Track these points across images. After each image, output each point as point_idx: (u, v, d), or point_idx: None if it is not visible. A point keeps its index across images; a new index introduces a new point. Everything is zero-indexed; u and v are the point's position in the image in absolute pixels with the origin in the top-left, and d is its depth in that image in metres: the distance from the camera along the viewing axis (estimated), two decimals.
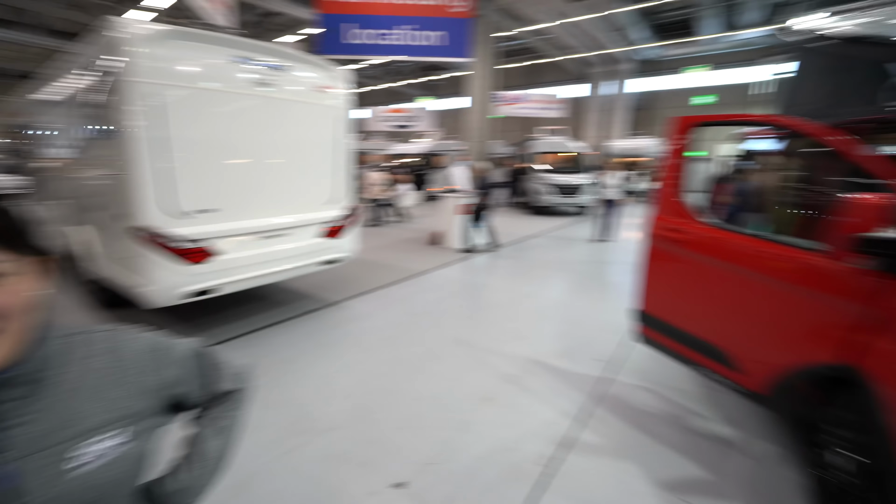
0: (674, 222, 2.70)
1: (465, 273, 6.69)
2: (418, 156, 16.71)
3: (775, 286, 2.25)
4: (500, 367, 3.61)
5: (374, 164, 11.10)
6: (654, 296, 2.89)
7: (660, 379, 3.42)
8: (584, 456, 2.55)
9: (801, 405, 2.34)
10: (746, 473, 2.42)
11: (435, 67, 25.92)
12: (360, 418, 2.87)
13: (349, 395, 3.15)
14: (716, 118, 2.60)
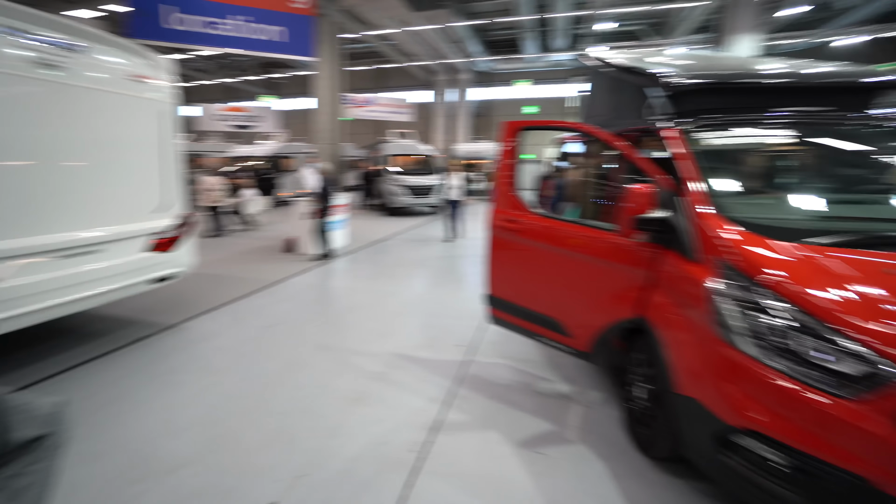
0: (510, 214, 3.08)
1: (324, 278, 6.49)
2: (264, 158, 15.48)
3: (587, 261, 2.75)
4: (367, 367, 3.62)
5: (212, 167, 9.90)
6: (498, 280, 3.25)
7: (511, 354, 3.85)
8: (452, 434, 2.74)
9: (614, 355, 2.91)
10: (582, 419, 2.90)
11: (276, 65, 24.33)
12: (216, 447, 2.58)
13: (200, 424, 2.80)
14: (537, 123, 3.06)
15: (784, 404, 1.64)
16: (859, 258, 1.80)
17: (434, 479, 2.34)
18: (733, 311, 1.84)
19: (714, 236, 2.05)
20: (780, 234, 1.99)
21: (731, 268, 1.92)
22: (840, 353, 1.57)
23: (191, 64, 21.69)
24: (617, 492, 2.25)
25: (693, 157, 2.40)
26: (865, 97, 2.76)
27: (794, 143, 2.67)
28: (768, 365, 1.69)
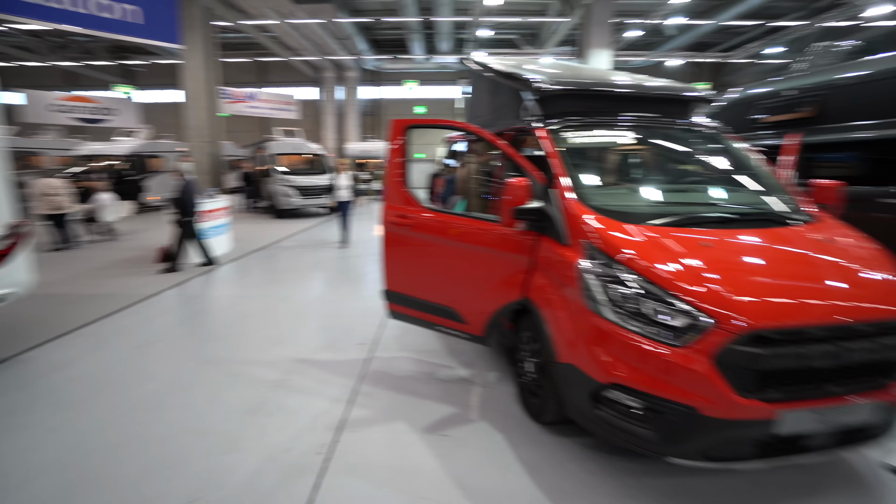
0: (401, 209, 3.17)
1: (208, 288, 5.93)
2: (124, 158, 13.44)
3: (475, 251, 2.96)
4: (263, 376, 3.43)
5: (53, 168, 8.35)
6: (394, 274, 3.32)
7: (413, 346, 3.96)
8: (357, 431, 2.75)
9: (506, 336, 3.17)
10: (483, 399, 3.11)
11: (131, 49, 21.23)
12: (83, 489, 2.25)
13: (54, 468, 2.40)
14: (423, 122, 3.19)
15: (637, 358, 1.98)
16: (685, 235, 2.24)
17: (342, 477, 2.34)
18: (597, 286, 2.15)
19: (580, 222, 2.37)
20: (630, 218, 2.38)
21: (594, 248, 2.24)
22: (674, 312, 1.95)
23: (6, 40, 17.73)
24: (515, 458, 2.47)
25: (560, 154, 2.73)
26: (686, 108, 3.39)
27: (636, 142, 3.18)
28: (625, 327, 2.02)
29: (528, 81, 3.18)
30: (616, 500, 2.16)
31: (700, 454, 1.93)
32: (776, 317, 1.86)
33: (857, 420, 1.96)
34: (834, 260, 2.18)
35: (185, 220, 6.40)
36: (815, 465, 2.40)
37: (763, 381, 1.86)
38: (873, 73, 4.51)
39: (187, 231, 6.49)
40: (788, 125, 5.04)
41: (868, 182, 4.29)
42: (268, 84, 22.65)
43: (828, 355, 1.86)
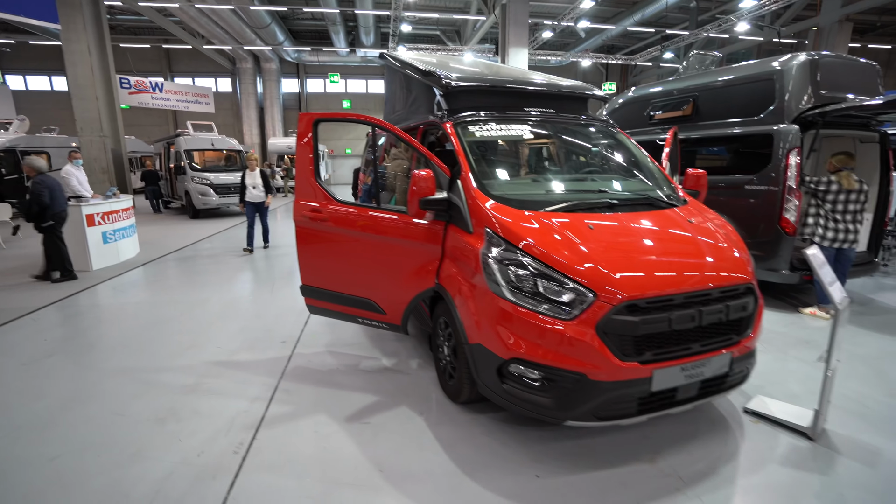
0: (313, 204, 3.16)
1: (114, 295, 5.45)
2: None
3: (389, 243, 3.04)
4: (176, 382, 3.26)
5: None
6: (310, 269, 3.31)
7: (337, 340, 3.96)
8: (276, 427, 2.72)
9: (425, 324, 3.29)
10: (405, 385, 3.20)
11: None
12: None
13: None
14: (331, 116, 3.19)
15: (533, 334, 2.18)
16: (573, 220, 2.48)
17: (259, 473, 2.32)
18: (497, 269, 2.32)
19: (481, 211, 2.53)
20: (527, 205, 2.58)
21: (494, 235, 2.41)
22: (563, 289, 2.17)
23: None
24: (432, 438, 2.60)
25: (464, 147, 2.89)
26: (583, 104, 3.71)
27: (536, 136, 3.43)
28: (522, 306, 2.21)
29: (437, 77, 3.30)
30: (524, 465, 2.35)
31: (592, 415, 2.17)
32: (646, 288, 2.13)
33: (717, 372, 2.31)
34: (696, 237, 2.54)
35: (44, 225, 5.54)
36: (690, 416, 2.78)
37: (638, 345, 2.13)
38: (729, 79, 5.21)
39: (49, 238, 5.65)
40: (673, 122, 5.67)
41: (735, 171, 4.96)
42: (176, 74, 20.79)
43: (690, 318, 2.17)
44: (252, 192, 7.44)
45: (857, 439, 2.58)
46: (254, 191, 7.45)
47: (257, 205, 7.55)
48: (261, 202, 7.52)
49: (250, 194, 7.44)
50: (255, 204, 7.53)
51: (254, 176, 7.44)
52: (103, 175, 11.96)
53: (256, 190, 7.45)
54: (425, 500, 2.12)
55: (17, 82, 19.82)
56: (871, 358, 3.64)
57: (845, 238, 4.23)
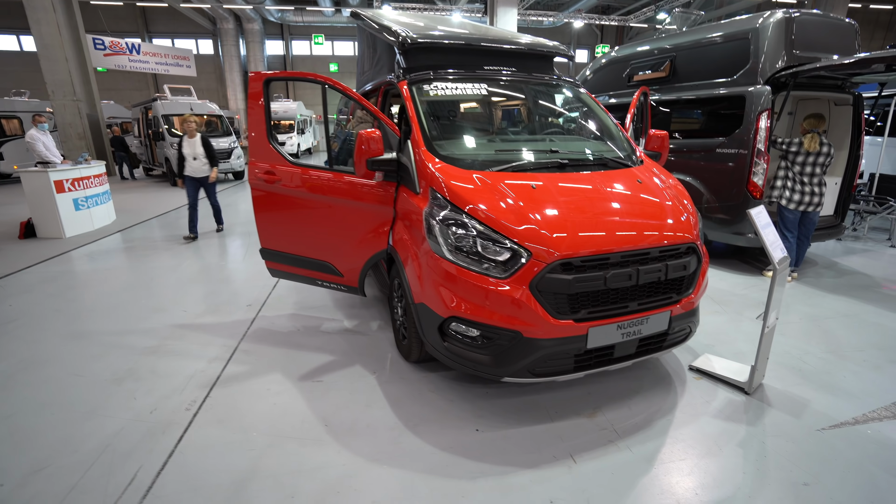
0: (267, 165, 3.11)
1: (85, 262, 5.42)
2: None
3: (342, 204, 3.01)
4: (137, 344, 3.31)
5: None
6: (267, 232, 3.29)
7: (302, 303, 3.99)
8: (231, 386, 2.78)
9: (384, 285, 3.31)
10: (362, 346, 3.26)
11: None
12: None
13: None
14: (283, 75, 3.08)
15: (471, 292, 2.20)
16: (519, 181, 2.46)
17: (208, 428, 2.39)
18: (438, 228, 2.32)
19: (427, 170, 2.50)
20: (474, 165, 2.55)
21: (437, 194, 2.40)
22: (500, 248, 2.17)
23: None
24: (381, 394, 2.67)
25: (416, 106, 2.82)
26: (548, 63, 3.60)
27: (493, 95, 3.35)
28: (460, 265, 2.22)
29: (396, 34, 3.18)
30: (467, 421, 2.43)
31: (528, 371, 2.22)
32: (581, 246, 2.14)
33: (656, 330, 2.35)
34: (641, 197, 2.53)
35: None
36: (635, 373, 2.87)
37: (574, 303, 2.16)
38: (705, 39, 5.05)
39: None
40: (651, 83, 5.54)
41: (709, 134, 4.90)
42: (154, 35, 19.92)
43: (627, 277, 2.19)
44: (192, 164, 6.01)
45: (789, 392, 2.67)
46: (194, 162, 6.02)
47: (200, 180, 6.18)
48: (204, 177, 6.16)
49: (190, 167, 6.02)
50: (196, 179, 6.13)
51: (193, 144, 5.98)
52: (80, 141, 11.71)
53: (197, 161, 6.03)
54: (364, 452, 2.20)
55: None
56: (820, 317, 3.73)
57: (810, 201, 4.24)
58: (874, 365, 3.00)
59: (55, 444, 2.27)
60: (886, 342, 3.31)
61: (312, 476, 2.06)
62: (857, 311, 3.84)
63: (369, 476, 2.05)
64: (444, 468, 2.09)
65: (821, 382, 2.79)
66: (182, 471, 2.09)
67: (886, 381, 2.81)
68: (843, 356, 3.11)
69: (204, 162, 6.07)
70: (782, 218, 4.38)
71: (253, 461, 2.16)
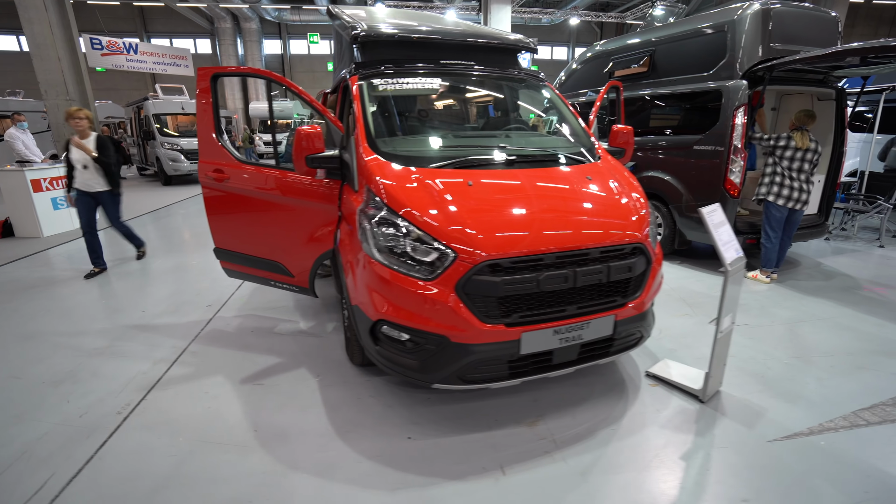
0: (216, 163, 3.03)
1: (54, 263, 5.39)
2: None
3: (288, 203, 2.93)
4: (87, 345, 3.25)
5: None
6: (220, 231, 3.21)
7: (261, 304, 3.92)
8: (169, 388, 2.71)
9: (333, 286, 3.22)
10: (313, 348, 3.17)
11: None
12: None
13: None
14: (230, 70, 3.00)
15: (398, 294, 2.10)
16: (456, 179, 2.35)
17: (135, 432, 2.31)
18: (369, 227, 2.22)
19: (364, 167, 2.41)
20: (413, 162, 2.45)
21: (370, 192, 2.30)
22: (427, 249, 2.07)
23: None
24: (319, 399, 2.58)
25: (363, 101, 2.73)
26: (511, 56, 3.48)
27: (445, 90, 3.24)
28: (388, 266, 2.13)
29: (350, 28, 3.09)
30: (401, 428, 2.33)
31: (458, 378, 2.11)
32: (511, 247, 2.03)
33: (599, 335, 2.23)
34: (587, 195, 2.41)
35: None
36: (587, 379, 2.75)
37: (504, 306, 2.05)
38: (684, 32, 4.90)
39: None
40: (630, 78, 5.41)
41: (687, 131, 4.76)
42: (152, 34, 19.99)
43: (563, 279, 2.08)
44: (82, 174, 4.40)
45: (747, 401, 2.55)
46: (84, 172, 4.39)
47: (94, 196, 4.52)
48: (101, 192, 4.53)
49: (80, 178, 4.42)
50: (88, 195, 4.48)
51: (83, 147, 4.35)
52: None
53: (89, 171, 4.41)
54: (288, 459, 2.11)
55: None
56: (794, 321, 3.59)
57: (798, 198, 4.09)
58: (841, 371, 2.87)
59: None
60: (858, 347, 3.17)
61: (228, 484, 1.98)
62: (833, 315, 3.70)
63: (287, 485, 1.96)
64: (366, 478, 2.00)
65: (782, 390, 2.66)
66: (95, 478, 2.01)
67: (850, 389, 2.67)
68: (811, 362, 2.98)
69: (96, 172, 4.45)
70: (768, 216, 4.23)
71: (172, 468, 2.07)
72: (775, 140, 4.11)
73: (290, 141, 4.65)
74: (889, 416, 2.40)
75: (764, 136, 4.21)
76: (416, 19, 3.58)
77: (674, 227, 4.87)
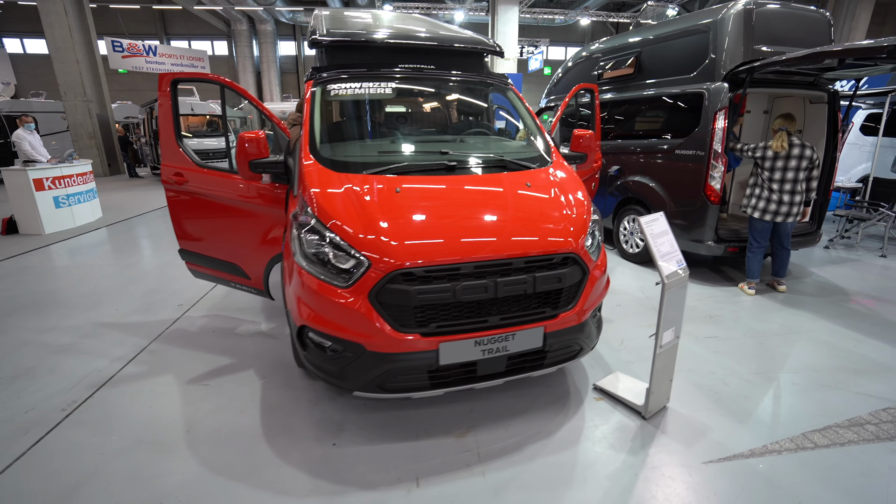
0: (175, 167, 3.09)
1: (50, 258, 5.59)
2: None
3: (242, 207, 2.96)
4: (53, 342, 3.35)
5: None
6: (182, 232, 3.27)
7: (230, 305, 3.97)
8: (118, 386, 2.77)
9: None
10: (267, 350, 3.19)
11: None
12: None
13: None
14: (188, 75, 3.05)
15: (317, 301, 2.09)
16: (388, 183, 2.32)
17: (72, 430, 2.37)
18: (296, 233, 2.23)
19: (301, 173, 2.41)
20: (350, 167, 2.43)
21: (304, 199, 2.30)
22: (344, 256, 2.05)
23: None
24: (258, 401, 2.59)
25: (313, 106, 2.74)
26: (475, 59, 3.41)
27: (395, 94, 3.21)
28: (310, 272, 2.12)
29: (311, 32, 3.11)
30: (329, 433, 2.32)
31: (376, 387, 2.09)
32: (425, 255, 1.99)
33: (527, 347, 2.17)
34: (522, 201, 2.35)
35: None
36: (531, 391, 2.69)
37: (420, 316, 2.02)
38: (668, 32, 4.75)
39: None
40: (617, 80, 5.28)
41: (668, 135, 4.63)
42: (172, 37, 20.59)
43: (482, 289, 2.03)
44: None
45: (693, 418, 2.45)
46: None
47: None
48: None
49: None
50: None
51: None
52: (90, 140, 12.18)
53: None
54: (210, 462, 2.13)
55: (15, 45, 19.83)
56: (766, 334, 3.44)
57: (777, 210, 3.88)
58: (802, 389, 2.73)
59: None
60: (826, 363, 3.02)
61: (146, 484, 2.00)
62: (810, 328, 3.53)
63: (201, 487, 1.98)
64: (280, 483, 2.00)
65: (734, 408, 2.55)
66: (20, 475, 2.07)
67: (807, 408, 2.54)
68: (772, 378, 2.85)
69: None
70: (751, 226, 4.07)
71: (98, 466, 2.12)
72: (752, 150, 3.94)
73: None
74: (839, 440, 2.27)
75: (738, 145, 4.04)
76: (390, 23, 3.54)
77: None
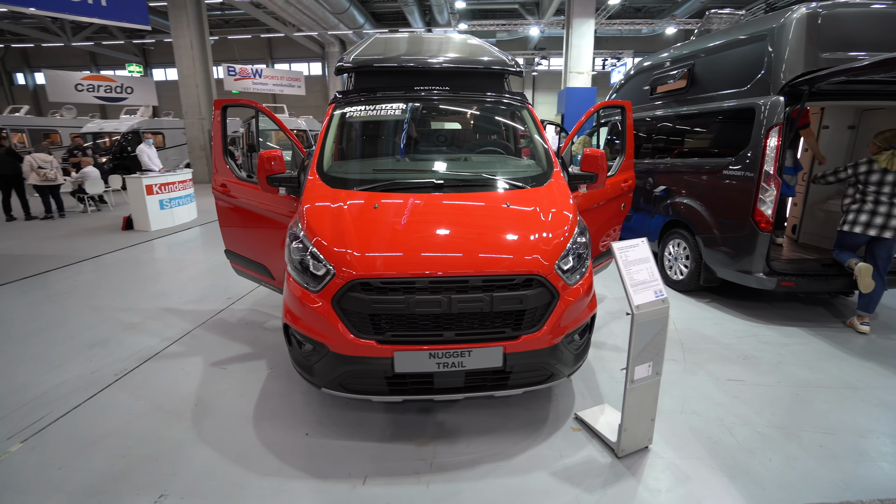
0: (222, 179, 3.58)
1: (149, 251, 6.64)
2: (122, 134, 14.16)
3: (268, 215, 3.34)
4: (125, 320, 4.02)
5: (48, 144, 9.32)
6: (227, 235, 3.76)
7: (270, 302, 4.44)
8: (159, 362, 3.27)
9: None
10: (282, 345, 3.41)
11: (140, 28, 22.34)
12: None
13: None
14: (234, 101, 3.53)
15: (294, 303, 2.32)
16: (370, 200, 2.50)
17: (114, 392, 2.87)
18: (290, 243, 2.49)
19: (304, 188, 2.70)
20: (345, 184, 2.66)
21: (298, 212, 2.57)
22: (315, 263, 2.26)
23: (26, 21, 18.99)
24: (259, 388, 2.91)
25: (329, 126, 3.04)
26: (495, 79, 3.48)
27: (404, 115, 3.36)
28: (295, 279, 2.36)
29: (339, 60, 3.44)
30: (306, 424, 2.54)
31: (339, 385, 2.26)
32: (382, 268, 2.12)
33: (486, 366, 2.19)
34: (494, 222, 2.38)
35: None
36: (508, 411, 2.66)
37: (377, 324, 2.15)
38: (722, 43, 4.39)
39: None
40: (668, 96, 4.99)
41: (718, 154, 4.29)
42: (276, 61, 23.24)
43: (436, 304, 2.10)
44: None
45: (674, 466, 2.24)
46: None
47: None
48: None
49: None
50: None
51: None
52: (201, 152, 14.13)
53: None
54: (204, 434, 2.46)
55: (160, 74, 24.23)
56: (810, 384, 2.99)
57: (886, 224, 3.46)
58: (831, 454, 2.34)
59: (14, 385, 2.94)
60: (877, 428, 2.55)
61: (151, 443, 2.39)
62: (874, 385, 3.00)
63: (187, 453, 2.30)
64: (248, 461, 2.24)
65: (730, 462, 2.28)
66: (70, 423, 2.56)
67: (825, 476, 2.17)
68: (794, 435, 2.48)
69: None
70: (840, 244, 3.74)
71: (122, 425, 2.55)
72: (853, 168, 3.56)
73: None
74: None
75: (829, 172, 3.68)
76: (418, 46, 3.74)
77: (699, 260, 4.36)
